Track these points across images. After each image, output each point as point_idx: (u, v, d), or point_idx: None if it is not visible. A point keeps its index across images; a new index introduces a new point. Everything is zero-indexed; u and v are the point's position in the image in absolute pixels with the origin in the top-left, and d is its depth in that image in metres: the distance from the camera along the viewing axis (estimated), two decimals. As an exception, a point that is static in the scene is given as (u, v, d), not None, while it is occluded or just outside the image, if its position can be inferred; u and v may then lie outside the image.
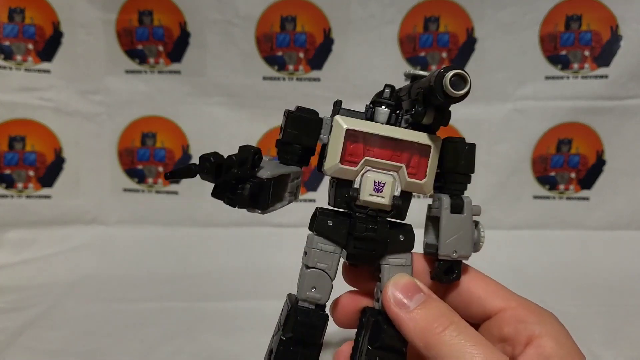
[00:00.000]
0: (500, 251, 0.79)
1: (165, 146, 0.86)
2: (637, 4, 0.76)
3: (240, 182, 0.30)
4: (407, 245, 0.34)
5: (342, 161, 0.33)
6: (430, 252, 0.36)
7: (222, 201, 0.31)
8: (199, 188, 0.81)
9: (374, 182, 0.33)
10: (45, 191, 0.84)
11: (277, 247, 0.78)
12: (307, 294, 0.34)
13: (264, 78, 0.82)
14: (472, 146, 0.35)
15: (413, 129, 0.33)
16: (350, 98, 0.55)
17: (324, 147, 0.34)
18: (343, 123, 0.33)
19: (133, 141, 0.85)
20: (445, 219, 0.34)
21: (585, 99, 0.79)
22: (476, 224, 0.35)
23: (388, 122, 0.34)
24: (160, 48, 0.82)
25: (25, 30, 0.80)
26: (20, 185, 0.84)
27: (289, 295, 0.36)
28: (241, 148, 0.31)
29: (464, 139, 0.35)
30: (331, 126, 0.33)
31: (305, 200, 0.84)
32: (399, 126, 0.34)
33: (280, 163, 0.34)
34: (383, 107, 0.34)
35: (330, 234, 0.33)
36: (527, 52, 0.79)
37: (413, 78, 0.34)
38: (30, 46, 0.81)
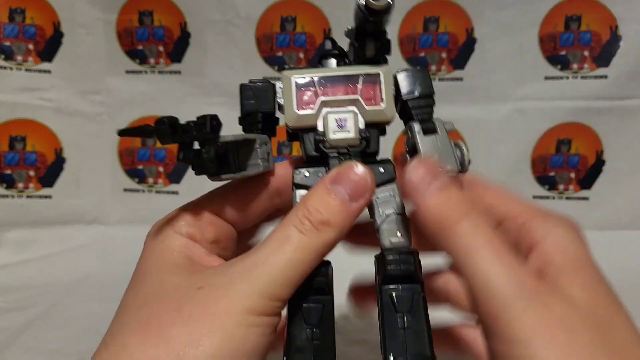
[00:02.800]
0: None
1: (166, 146, 0.86)
2: (637, 5, 0.76)
3: (204, 146, 0.30)
4: (389, 176, 0.33)
5: (299, 109, 0.33)
6: None
7: (193, 170, 0.31)
8: (200, 188, 0.82)
9: (336, 120, 0.33)
10: (45, 191, 0.84)
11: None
12: None
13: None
14: (424, 70, 0.35)
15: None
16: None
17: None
18: (290, 74, 0.34)
19: (133, 141, 0.86)
20: (421, 142, 0.33)
21: (585, 99, 0.79)
22: (457, 143, 0.34)
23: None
24: (161, 48, 0.82)
25: (25, 31, 0.81)
26: (20, 185, 0.84)
27: None
28: (198, 116, 0.31)
29: (414, 67, 0.35)
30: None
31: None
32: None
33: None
34: (330, 58, 0.35)
35: (310, 183, 0.33)
36: (526, 52, 0.79)
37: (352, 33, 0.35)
38: (31, 46, 0.81)
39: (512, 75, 0.80)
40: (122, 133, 0.28)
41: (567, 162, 0.83)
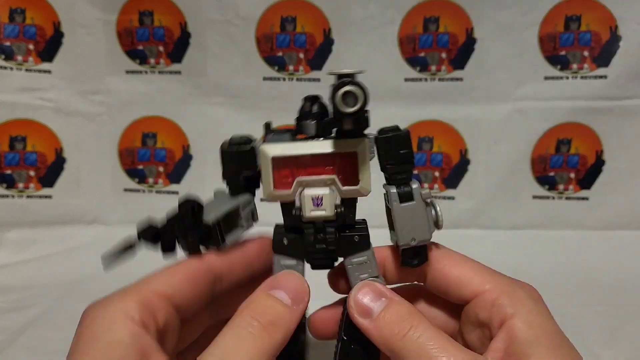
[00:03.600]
0: (500, 251, 0.79)
1: (166, 146, 0.86)
2: (636, 5, 0.76)
3: (189, 233, 0.33)
4: (364, 244, 0.35)
5: (275, 187, 0.34)
6: (395, 242, 0.37)
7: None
8: (200, 187, 0.82)
9: (312, 198, 0.33)
10: (46, 191, 0.84)
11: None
12: None
13: (264, 78, 0.82)
14: (404, 136, 0.34)
15: (341, 135, 0.34)
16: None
17: None
18: (268, 152, 0.34)
19: (134, 141, 0.86)
20: (395, 210, 0.35)
21: (585, 99, 0.79)
22: (431, 202, 0.35)
23: (317, 132, 0.34)
24: (161, 48, 0.82)
25: (26, 31, 0.81)
26: (21, 185, 0.84)
27: None
28: (180, 205, 0.32)
29: (396, 127, 0.35)
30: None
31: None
32: (329, 134, 0.34)
33: (231, 196, 0.36)
34: (309, 120, 0.34)
35: (288, 251, 0.35)
36: (526, 52, 0.79)
37: (339, 79, 0.34)
38: (31, 46, 0.81)
39: (512, 75, 0.80)
40: (107, 263, 0.30)
41: (567, 162, 0.83)
